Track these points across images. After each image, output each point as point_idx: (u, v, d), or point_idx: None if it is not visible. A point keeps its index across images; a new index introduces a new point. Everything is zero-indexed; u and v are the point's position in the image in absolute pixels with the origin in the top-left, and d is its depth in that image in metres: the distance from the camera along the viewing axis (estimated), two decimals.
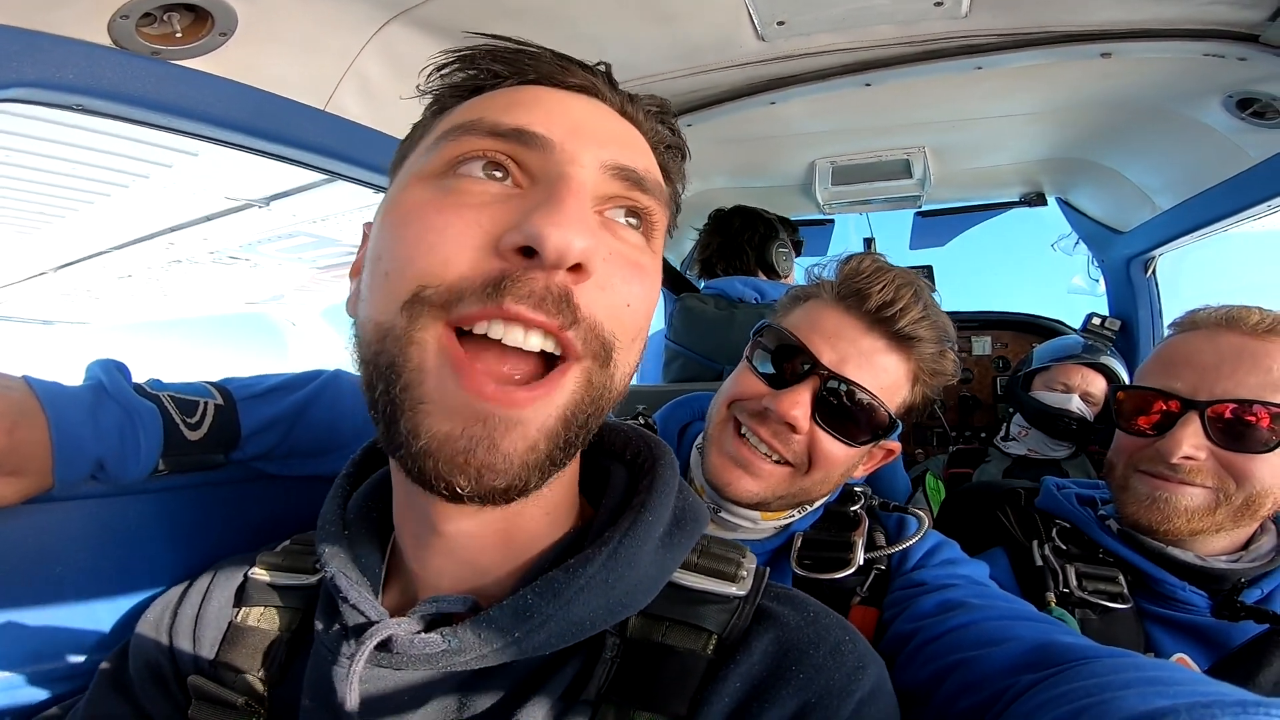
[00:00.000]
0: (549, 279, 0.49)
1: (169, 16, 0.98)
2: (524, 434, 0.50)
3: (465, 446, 0.49)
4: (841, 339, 0.99)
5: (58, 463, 0.76)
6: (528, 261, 0.49)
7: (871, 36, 1.46)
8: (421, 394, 0.50)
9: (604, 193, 0.55)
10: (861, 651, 0.60)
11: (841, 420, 0.98)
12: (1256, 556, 1.08)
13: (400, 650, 0.55)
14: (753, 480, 1.01)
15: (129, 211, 2.88)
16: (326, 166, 1.33)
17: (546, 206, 0.49)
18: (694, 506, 0.66)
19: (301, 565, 0.74)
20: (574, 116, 0.56)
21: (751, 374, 1.05)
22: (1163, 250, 2.32)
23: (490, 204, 0.52)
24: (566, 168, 0.53)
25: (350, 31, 1.22)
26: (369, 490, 0.69)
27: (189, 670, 0.73)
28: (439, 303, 0.50)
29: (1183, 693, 0.54)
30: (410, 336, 0.50)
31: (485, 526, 0.57)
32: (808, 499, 1.06)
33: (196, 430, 0.89)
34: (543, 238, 0.48)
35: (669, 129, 0.65)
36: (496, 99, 0.58)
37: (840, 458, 1.00)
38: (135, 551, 0.92)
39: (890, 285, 0.98)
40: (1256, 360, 1.03)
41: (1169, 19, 1.27)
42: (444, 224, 0.51)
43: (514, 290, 0.49)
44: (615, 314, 0.54)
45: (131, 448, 0.83)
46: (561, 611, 0.54)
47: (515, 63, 0.59)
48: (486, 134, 0.54)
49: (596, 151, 0.54)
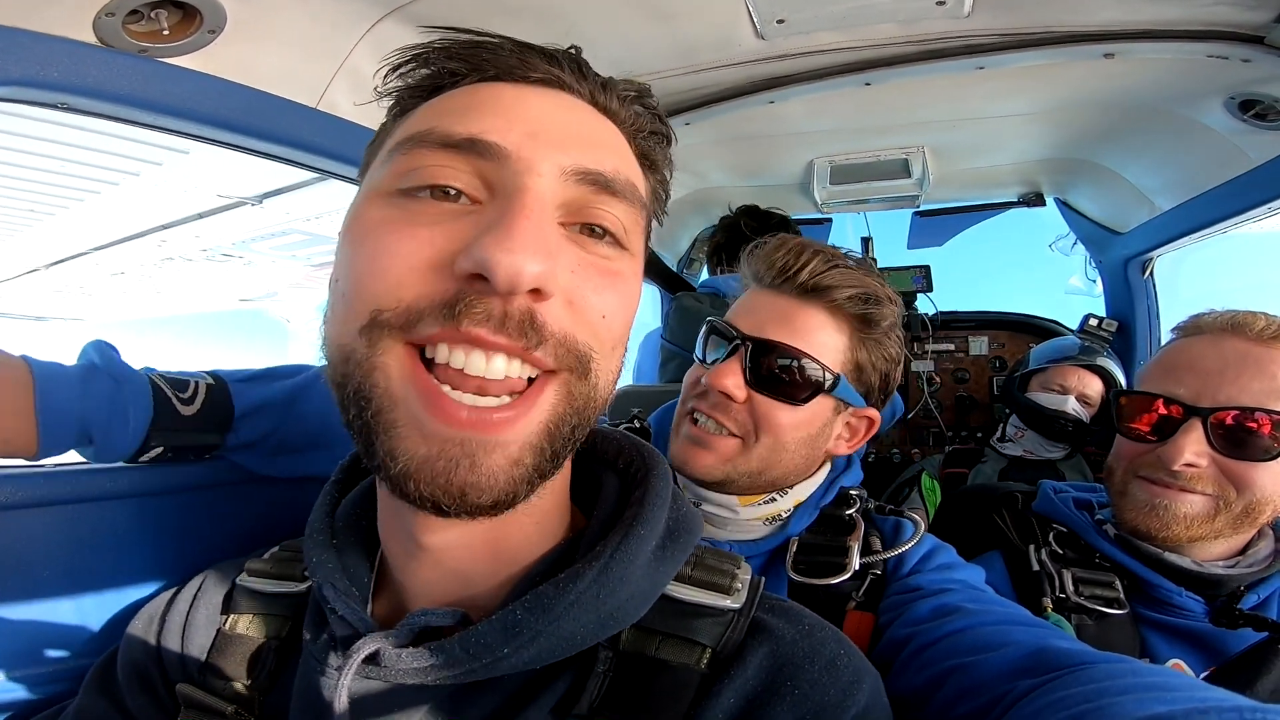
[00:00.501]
0: (507, 304, 0.47)
1: (156, 14, 0.96)
2: (505, 453, 0.49)
3: (445, 467, 0.48)
4: (759, 308, 1.06)
5: (41, 427, 0.76)
6: (482, 285, 0.47)
7: (872, 35, 1.45)
8: (394, 419, 0.49)
9: (568, 199, 0.52)
10: (857, 666, 0.59)
11: (774, 383, 1.02)
12: (1254, 562, 1.08)
13: (388, 664, 0.54)
14: (705, 453, 1.04)
15: (120, 209, 2.87)
16: (319, 165, 1.31)
17: (496, 229, 0.47)
18: (688, 516, 0.65)
19: (290, 573, 0.73)
20: (533, 116, 0.53)
21: (696, 365, 1.13)
22: (1161, 251, 2.32)
23: (445, 221, 0.50)
24: (523, 179, 0.50)
25: (342, 29, 1.20)
26: (357, 498, 0.68)
27: (177, 677, 0.72)
28: (397, 324, 0.48)
29: (1180, 699, 0.54)
30: (373, 362, 0.49)
31: (473, 538, 0.56)
32: (774, 476, 1.06)
33: (189, 405, 0.89)
34: (492, 265, 0.45)
35: (650, 113, 0.62)
36: (453, 101, 0.55)
37: (785, 421, 1.02)
38: (122, 555, 0.91)
39: (790, 251, 1.03)
40: (1261, 367, 1.02)
41: (1172, 20, 1.26)
42: (396, 245, 0.49)
43: (470, 314, 0.47)
44: (589, 327, 0.52)
45: (119, 419, 0.82)
46: (552, 627, 0.52)
47: (472, 59, 0.56)
48: (438, 146, 0.51)
49: (556, 156, 0.51)
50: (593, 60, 0.60)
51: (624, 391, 2.00)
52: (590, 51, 0.59)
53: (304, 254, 3.94)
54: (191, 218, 3.06)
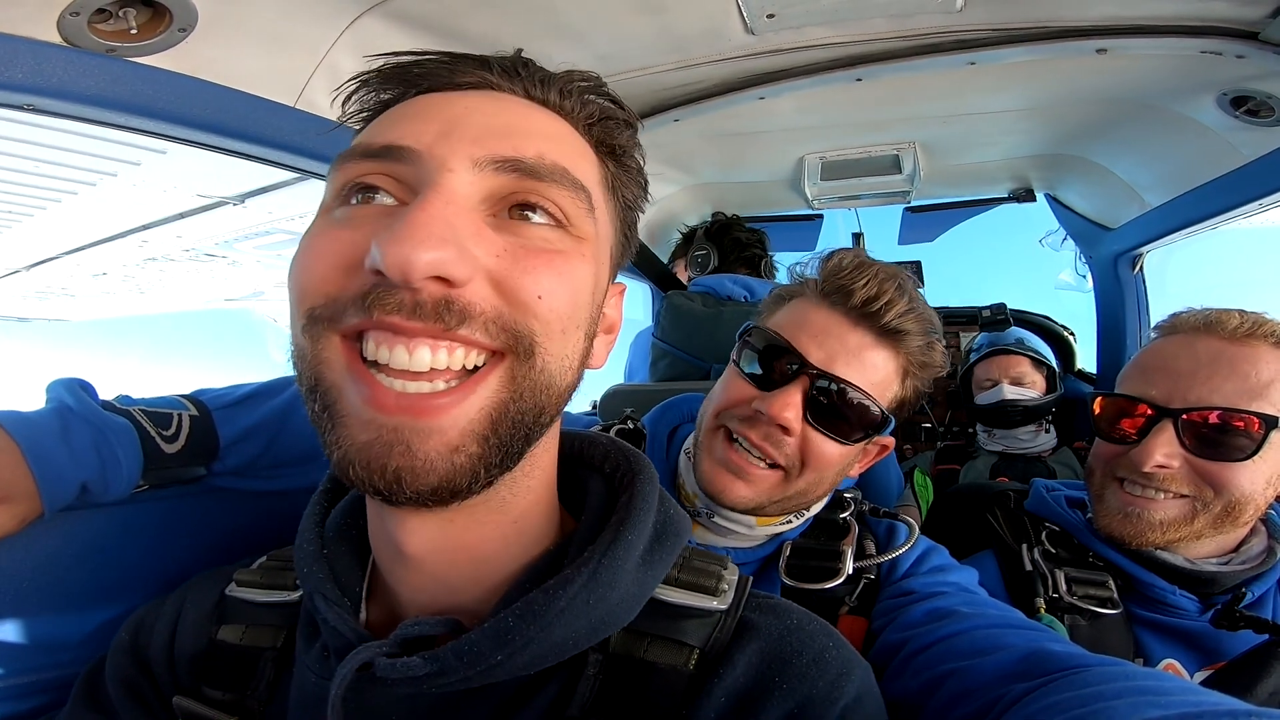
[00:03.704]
0: (416, 295, 0.48)
1: (124, 13, 0.93)
2: (443, 439, 0.50)
3: (380, 453, 0.49)
4: (829, 336, 0.98)
5: (42, 488, 0.75)
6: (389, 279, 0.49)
7: (863, 30, 1.43)
8: (340, 410, 0.51)
9: (492, 190, 0.53)
10: (846, 657, 0.60)
11: (833, 419, 0.96)
12: (1247, 559, 1.08)
13: (381, 674, 0.54)
14: (745, 486, 0.99)
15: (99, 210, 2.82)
16: (298, 164, 1.29)
17: (392, 225, 0.48)
18: (674, 519, 0.65)
19: (282, 582, 0.73)
20: (449, 116, 0.54)
21: (739, 378, 1.03)
22: (1151, 247, 2.32)
23: (365, 222, 0.52)
24: (433, 175, 0.51)
25: (321, 24, 1.17)
26: (347, 506, 0.68)
27: (168, 687, 0.71)
28: (327, 316, 0.51)
29: (1174, 703, 0.54)
30: (318, 356, 0.52)
31: (447, 541, 0.56)
32: (804, 502, 1.05)
33: (173, 443, 0.87)
34: (380, 257, 0.47)
35: (603, 99, 0.63)
36: (386, 118, 0.58)
37: (834, 457, 0.98)
38: (105, 565, 0.90)
39: (875, 280, 0.97)
40: (1234, 366, 1.01)
41: (1167, 15, 1.25)
42: (321, 246, 0.53)
43: (380, 304, 0.48)
44: (522, 306, 0.52)
45: (113, 467, 0.81)
46: (543, 634, 0.53)
47: (405, 78, 0.58)
48: (360, 157, 0.54)
49: (468, 150, 0.52)
50: (580, 54, 0.60)
51: (615, 391, 1.99)
52: (578, 45, 0.59)
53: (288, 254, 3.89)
54: (173, 218, 3.02)
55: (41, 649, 0.85)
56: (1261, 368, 1.00)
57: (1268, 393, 0.99)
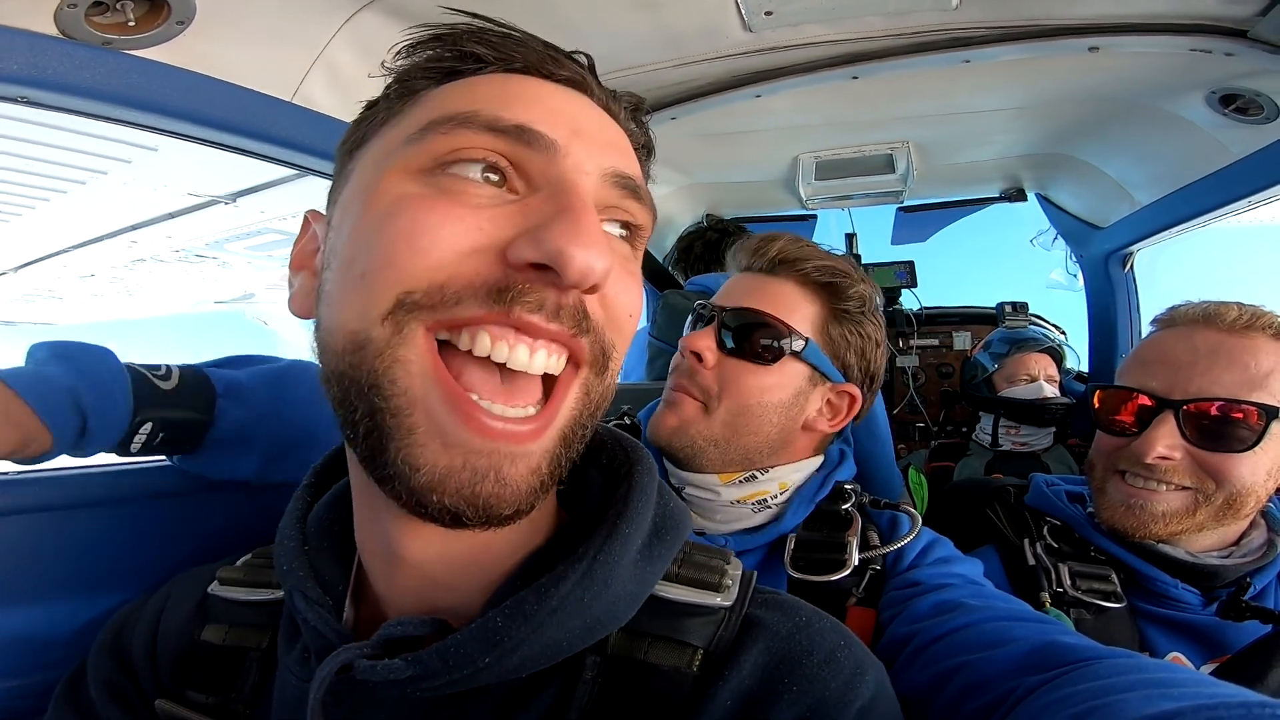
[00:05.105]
0: (562, 297, 0.47)
1: (121, 5, 0.92)
2: (528, 463, 0.48)
3: (470, 479, 0.46)
4: (733, 286, 1.14)
5: (42, 414, 0.72)
6: (538, 275, 0.46)
7: (860, 28, 1.44)
8: (413, 423, 0.46)
9: (603, 202, 0.52)
10: (858, 657, 0.57)
11: (742, 345, 1.06)
12: (1248, 552, 1.08)
13: (361, 676, 0.51)
14: (668, 413, 1.08)
15: (88, 209, 2.78)
16: (295, 160, 1.27)
17: (565, 222, 0.46)
18: (675, 512, 0.62)
19: (266, 580, 0.69)
20: (571, 115, 0.52)
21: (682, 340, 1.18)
22: (1141, 246, 2.35)
23: (489, 207, 0.48)
24: (573, 175, 0.49)
25: (318, 20, 1.16)
26: (331, 501, 0.65)
27: (151, 689, 0.69)
28: (426, 305, 0.46)
29: (1187, 694, 0.53)
30: (394, 354, 0.46)
31: (448, 546, 0.53)
32: (745, 446, 1.06)
33: (167, 381, 0.85)
34: (567, 258, 0.44)
35: (644, 129, 0.62)
36: (484, 87, 0.52)
37: (750, 384, 1.04)
38: (85, 565, 0.88)
39: (764, 238, 1.11)
40: (1233, 357, 1.02)
41: (1157, 13, 1.27)
42: (438, 224, 0.46)
43: (523, 301, 0.45)
44: (616, 324, 0.53)
45: (107, 393, 0.78)
46: (534, 635, 0.49)
47: (502, 48, 0.54)
48: (484, 129, 0.49)
49: (598, 157, 0.51)
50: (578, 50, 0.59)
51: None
52: (576, 42, 0.58)
53: (280, 254, 3.84)
54: (163, 217, 2.98)
55: (25, 652, 0.83)
56: (1261, 359, 1.01)
57: (1267, 383, 1.00)
